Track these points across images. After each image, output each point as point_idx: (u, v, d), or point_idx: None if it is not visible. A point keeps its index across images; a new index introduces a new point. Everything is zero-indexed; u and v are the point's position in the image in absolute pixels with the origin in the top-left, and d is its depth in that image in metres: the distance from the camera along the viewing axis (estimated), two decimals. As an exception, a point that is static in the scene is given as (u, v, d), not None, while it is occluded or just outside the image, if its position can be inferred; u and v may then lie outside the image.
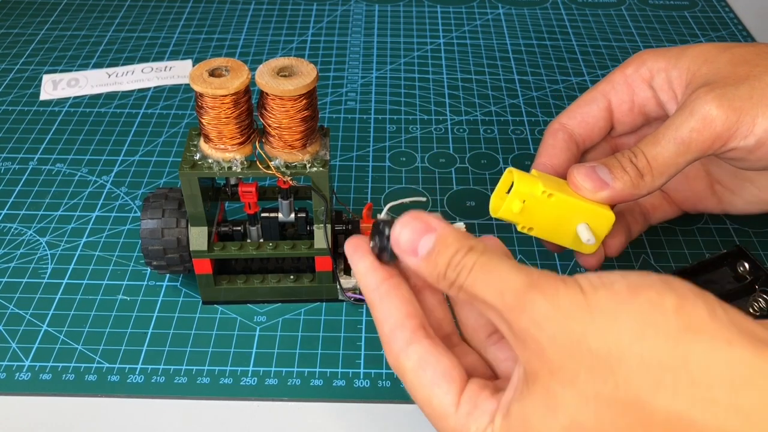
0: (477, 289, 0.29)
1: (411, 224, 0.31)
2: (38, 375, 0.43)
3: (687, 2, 0.83)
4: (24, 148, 0.60)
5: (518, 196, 0.39)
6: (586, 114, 0.43)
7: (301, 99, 0.39)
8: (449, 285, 0.30)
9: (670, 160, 0.38)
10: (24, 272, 0.49)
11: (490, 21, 0.79)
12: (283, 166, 0.41)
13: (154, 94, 0.67)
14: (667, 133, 0.38)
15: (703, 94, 0.38)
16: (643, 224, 0.46)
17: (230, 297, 0.47)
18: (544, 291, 0.28)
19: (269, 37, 0.76)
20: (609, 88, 0.43)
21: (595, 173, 0.39)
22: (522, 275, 0.29)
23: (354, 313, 0.47)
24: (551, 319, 0.27)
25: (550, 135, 0.43)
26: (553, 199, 0.39)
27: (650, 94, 0.42)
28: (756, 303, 0.45)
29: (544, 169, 0.42)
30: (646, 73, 0.42)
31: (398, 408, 0.41)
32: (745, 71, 0.38)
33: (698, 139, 0.37)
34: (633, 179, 0.38)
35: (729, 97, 0.37)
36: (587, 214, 0.40)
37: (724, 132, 0.37)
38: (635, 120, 0.44)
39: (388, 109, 0.65)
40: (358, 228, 0.46)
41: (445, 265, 0.30)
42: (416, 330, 0.32)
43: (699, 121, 0.37)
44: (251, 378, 0.43)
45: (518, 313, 0.28)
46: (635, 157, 0.39)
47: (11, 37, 0.75)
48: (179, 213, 0.44)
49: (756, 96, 0.37)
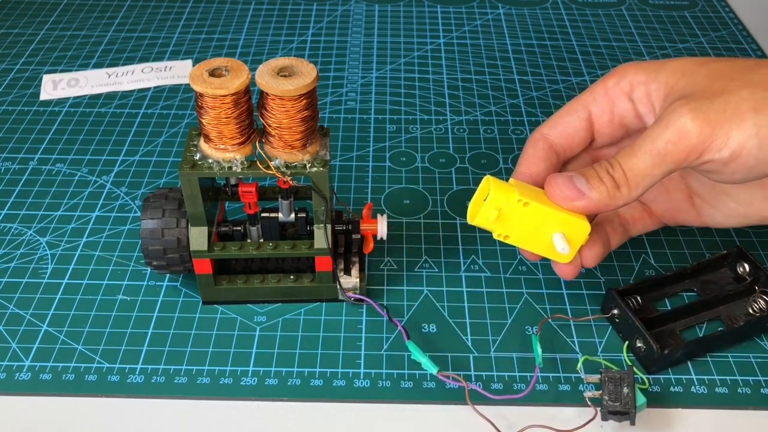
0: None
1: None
2: (38, 375, 0.43)
3: (687, 2, 0.83)
4: (24, 148, 0.60)
5: (494, 204, 0.39)
6: (567, 125, 0.44)
7: (301, 99, 0.39)
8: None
9: (646, 172, 0.38)
10: (24, 272, 0.49)
11: (490, 21, 0.79)
12: (283, 166, 0.41)
13: (154, 94, 0.67)
14: (643, 144, 0.38)
15: (679, 107, 0.38)
16: (623, 236, 0.46)
17: (230, 297, 0.47)
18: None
19: (269, 37, 0.76)
20: (590, 99, 0.44)
21: (572, 182, 0.40)
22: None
23: (354, 313, 0.47)
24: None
25: (530, 145, 0.44)
26: (529, 208, 0.39)
27: (630, 107, 0.43)
28: (756, 304, 0.45)
29: (523, 178, 0.43)
30: (627, 86, 0.43)
31: (398, 408, 0.42)
32: (721, 85, 0.39)
33: (673, 151, 0.38)
34: (609, 190, 0.39)
35: (704, 110, 0.37)
36: (563, 223, 0.40)
37: (698, 144, 0.37)
38: (615, 132, 0.44)
39: (388, 109, 0.65)
40: (358, 228, 0.46)
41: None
42: None
43: (674, 133, 0.38)
44: (251, 378, 0.43)
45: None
46: (612, 168, 0.39)
47: (11, 37, 0.75)
48: (179, 213, 0.44)
49: (730, 110, 0.37)
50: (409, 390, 0.42)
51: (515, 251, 0.51)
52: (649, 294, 0.46)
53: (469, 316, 0.46)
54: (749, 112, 0.37)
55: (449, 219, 0.53)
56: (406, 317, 0.46)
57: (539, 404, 0.41)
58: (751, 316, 0.44)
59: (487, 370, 0.43)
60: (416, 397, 0.42)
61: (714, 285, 0.47)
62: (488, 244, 0.51)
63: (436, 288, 0.48)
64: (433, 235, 0.52)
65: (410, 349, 0.42)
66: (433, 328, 0.46)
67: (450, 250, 0.51)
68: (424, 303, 0.47)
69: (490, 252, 0.51)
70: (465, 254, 0.51)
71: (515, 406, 0.41)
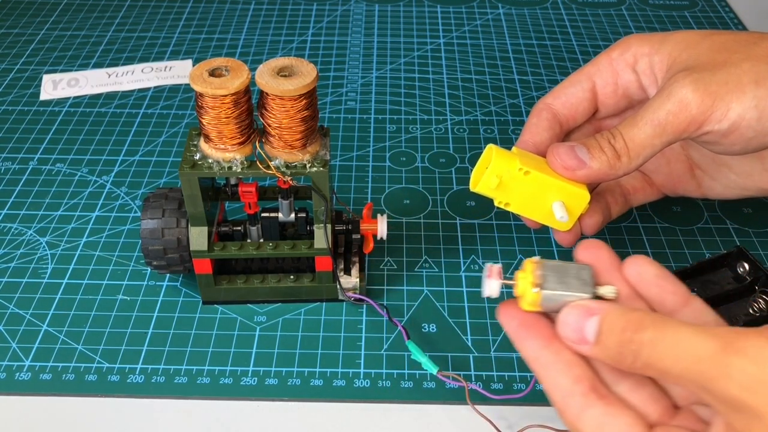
0: (664, 364, 0.28)
1: (572, 313, 0.31)
2: (38, 375, 0.43)
3: (687, 2, 0.83)
4: (24, 148, 0.60)
5: (496, 172, 0.40)
6: (571, 95, 0.44)
7: (301, 99, 0.39)
8: (630, 365, 0.30)
9: (647, 142, 0.39)
10: (24, 272, 0.49)
11: (490, 21, 0.79)
12: (283, 166, 0.41)
13: (154, 94, 0.67)
14: (645, 115, 0.39)
15: (681, 78, 0.38)
16: (623, 205, 0.47)
17: (230, 297, 0.47)
18: (745, 352, 0.27)
19: (269, 37, 0.76)
20: (594, 70, 0.44)
21: (573, 152, 0.40)
22: (711, 339, 0.27)
23: (354, 313, 0.47)
24: (762, 380, 0.26)
25: (534, 114, 0.44)
26: (530, 177, 0.40)
27: (633, 78, 0.43)
28: (756, 304, 0.45)
29: (526, 146, 0.43)
30: (630, 57, 0.43)
31: (398, 408, 0.42)
32: (723, 58, 0.39)
33: (674, 121, 0.38)
34: (610, 159, 0.39)
35: (705, 81, 0.38)
36: (563, 192, 0.40)
37: (699, 115, 0.38)
38: (618, 102, 0.44)
39: (388, 109, 0.65)
40: (358, 228, 0.46)
41: (617, 345, 0.29)
42: (587, 394, 0.31)
43: (675, 104, 0.38)
44: (251, 378, 0.43)
45: (723, 381, 0.27)
46: (613, 138, 0.39)
47: (11, 37, 0.75)
48: (179, 213, 0.44)
49: (732, 82, 0.38)
50: (409, 390, 0.42)
51: (515, 251, 0.51)
52: (649, 294, 0.46)
53: (469, 316, 0.46)
54: (750, 84, 0.37)
55: (449, 219, 0.53)
56: (406, 317, 0.46)
57: (539, 404, 0.41)
58: (751, 316, 0.44)
59: (487, 370, 0.43)
60: (416, 397, 0.42)
61: (714, 285, 0.47)
62: (488, 244, 0.51)
63: (436, 288, 0.48)
64: (433, 235, 0.52)
65: (410, 349, 0.42)
66: (433, 328, 0.46)
67: (450, 250, 0.51)
68: (424, 303, 0.47)
69: (490, 252, 0.51)
70: (465, 254, 0.51)
71: (515, 406, 0.41)
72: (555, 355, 0.32)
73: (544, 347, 0.32)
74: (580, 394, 0.31)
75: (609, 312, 0.30)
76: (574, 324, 0.31)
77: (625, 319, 0.30)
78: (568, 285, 0.32)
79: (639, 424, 0.30)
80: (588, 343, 0.30)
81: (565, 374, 0.31)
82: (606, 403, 0.31)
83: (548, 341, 0.32)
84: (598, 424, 0.30)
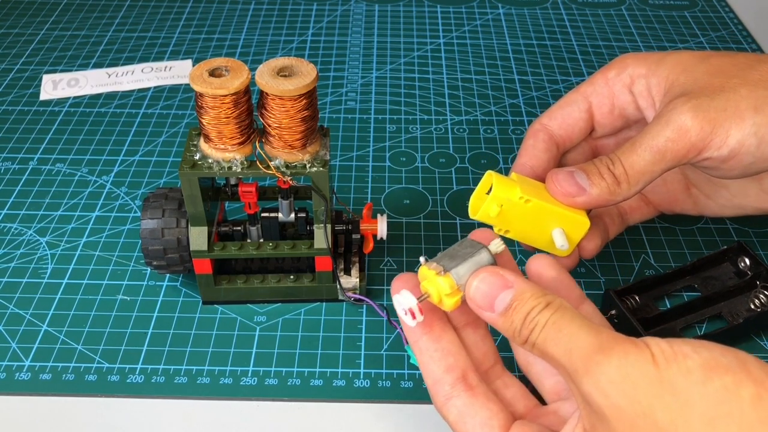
0: (548, 346, 0.30)
1: (488, 279, 0.32)
2: (38, 375, 0.43)
3: (687, 2, 0.83)
4: (24, 148, 0.60)
5: (496, 201, 0.40)
6: (567, 115, 0.44)
7: (301, 99, 0.39)
8: (523, 341, 0.31)
9: (646, 168, 0.39)
10: (24, 272, 0.49)
11: (490, 21, 0.79)
12: (283, 166, 0.41)
13: (154, 94, 0.67)
14: (643, 141, 0.39)
15: (680, 104, 0.38)
16: (621, 225, 0.47)
17: (230, 297, 0.47)
18: (613, 355, 0.27)
19: (269, 37, 0.76)
20: (590, 90, 0.44)
21: (573, 178, 0.40)
22: (592, 336, 0.29)
23: (354, 313, 0.47)
24: (618, 387, 0.27)
25: (531, 136, 0.44)
26: (530, 205, 0.40)
27: (630, 99, 0.43)
28: (757, 299, 0.45)
29: (524, 169, 0.43)
30: (627, 78, 0.43)
31: (398, 408, 0.42)
32: (720, 82, 0.39)
33: (673, 148, 0.38)
34: (610, 186, 0.39)
35: (704, 108, 0.38)
36: (563, 219, 0.40)
37: (698, 142, 0.38)
38: (615, 122, 0.44)
39: (388, 109, 0.65)
40: (358, 228, 0.46)
41: (520, 322, 0.30)
42: (455, 384, 0.33)
43: (675, 131, 0.38)
44: (251, 378, 0.43)
45: (584, 376, 0.28)
46: (612, 164, 0.39)
47: (11, 37, 0.75)
48: (179, 213, 0.44)
49: (730, 108, 0.38)
50: (409, 390, 0.42)
51: (515, 251, 0.51)
52: (649, 293, 0.46)
53: (469, 316, 0.46)
54: (748, 110, 0.37)
55: (449, 219, 0.53)
56: (406, 317, 0.46)
57: (539, 404, 0.41)
58: (752, 311, 0.44)
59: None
60: (416, 397, 0.42)
61: (715, 281, 0.47)
62: (488, 244, 0.51)
63: (436, 288, 0.48)
64: (433, 235, 0.52)
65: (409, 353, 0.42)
66: (433, 328, 0.46)
67: (450, 250, 0.51)
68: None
69: (490, 252, 0.51)
70: (465, 254, 0.51)
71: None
72: (433, 342, 0.34)
73: (425, 333, 0.34)
74: (449, 384, 0.33)
75: (524, 290, 0.31)
76: (487, 291, 0.31)
77: (536, 299, 0.31)
78: (464, 255, 0.33)
79: (498, 418, 0.32)
80: (494, 312, 0.31)
81: (438, 362, 0.33)
82: (471, 394, 0.33)
83: (429, 328, 0.34)
84: (460, 414, 0.32)
